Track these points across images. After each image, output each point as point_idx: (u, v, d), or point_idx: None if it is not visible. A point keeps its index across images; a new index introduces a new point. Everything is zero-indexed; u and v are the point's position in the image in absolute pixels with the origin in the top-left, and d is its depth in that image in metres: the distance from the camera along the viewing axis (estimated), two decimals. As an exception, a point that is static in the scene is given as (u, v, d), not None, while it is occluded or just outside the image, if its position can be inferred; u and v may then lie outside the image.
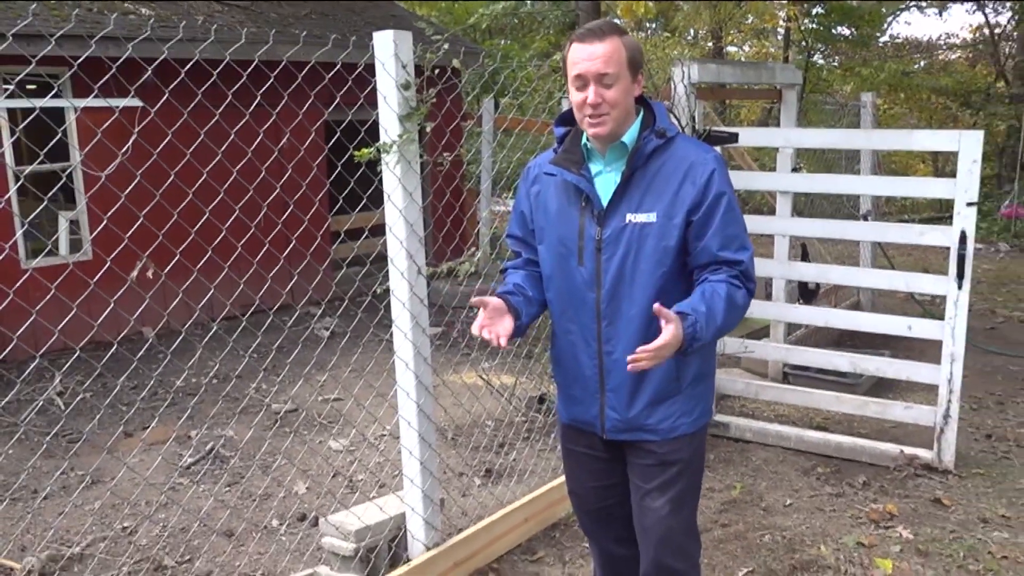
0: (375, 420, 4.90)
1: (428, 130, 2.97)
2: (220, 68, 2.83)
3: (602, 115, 2.06)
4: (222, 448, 4.73)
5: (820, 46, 19.79)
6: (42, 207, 2.93)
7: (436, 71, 3.02)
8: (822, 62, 20.20)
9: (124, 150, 3.78)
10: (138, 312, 3.59)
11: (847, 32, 19.04)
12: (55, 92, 6.06)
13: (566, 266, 2.21)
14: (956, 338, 4.07)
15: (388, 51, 2.81)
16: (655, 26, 21.41)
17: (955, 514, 3.76)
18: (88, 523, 3.91)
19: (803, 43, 19.08)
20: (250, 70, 2.93)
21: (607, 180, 2.16)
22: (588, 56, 2.03)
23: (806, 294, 6.25)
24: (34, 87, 7.77)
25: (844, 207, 7.30)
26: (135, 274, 3.36)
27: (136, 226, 3.05)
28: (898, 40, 22.55)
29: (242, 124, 3.01)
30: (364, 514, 3.17)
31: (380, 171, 2.93)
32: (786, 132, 5.13)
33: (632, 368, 1.94)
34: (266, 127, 3.41)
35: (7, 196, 6.45)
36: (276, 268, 3.77)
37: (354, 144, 2.94)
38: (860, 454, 4.36)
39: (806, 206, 6.75)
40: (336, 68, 2.97)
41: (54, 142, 3.03)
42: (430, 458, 3.13)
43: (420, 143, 2.95)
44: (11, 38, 2.67)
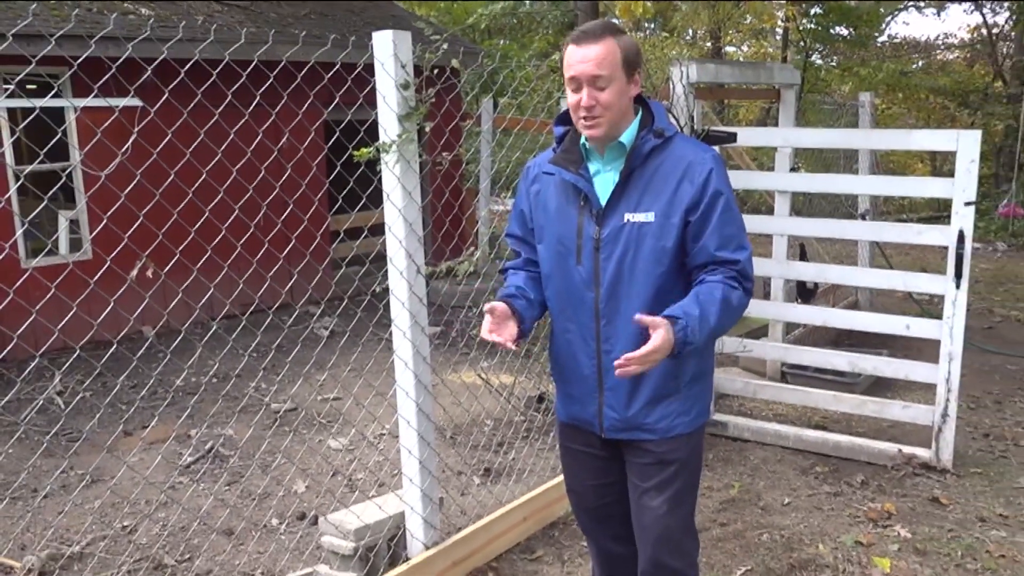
0: (374, 419, 4.91)
1: (427, 130, 2.98)
2: (220, 68, 2.84)
3: (595, 117, 2.07)
4: (222, 447, 4.73)
5: (818, 46, 19.79)
6: (42, 206, 2.94)
7: (435, 71, 3.03)
8: (820, 62, 20.19)
9: (124, 150, 3.78)
10: (138, 311, 3.59)
11: (845, 32, 19.04)
12: (55, 92, 6.06)
13: (565, 265, 2.22)
14: (954, 337, 4.08)
15: (387, 51, 2.81)
16: (653, 26, 21.41)
17: (953, 513, 3.78)
18: (88, 522, 3.92)
19: (801, 43, 19.07)
20: (249, 70, 2.93)
21: (606, 179, 2.17)
22: (581, 58, 2.04)
23: (804, 293, 6.26)
24: (34, 87, 7.77)
25: (842, 206, 7.31)
26: (135, 273, 3.36)
27: (136, 226, 3.05)
28: (896, 40, 22.61)
29: (242, 124, 3.01)
30: (363, 513, 3.18)
31: (379, 171, 2.94)
32: (784, 132, 5.14)
33: (620, 374, 1.96)
34: (265, 127, 3.41)
35: (7, 196, 6.46)
36: (276, 267, 3.78)
37: (353, 144, 2.95)
38: (858, 453, 4.37)
39: (804, 205, 6.76)
40: (335, 68, 2.98)
41: (54, 142, 3.03)
42: (429, 457, 3.13)
43: (419, 143, 2.95)
44: (11, 38, 2.68)
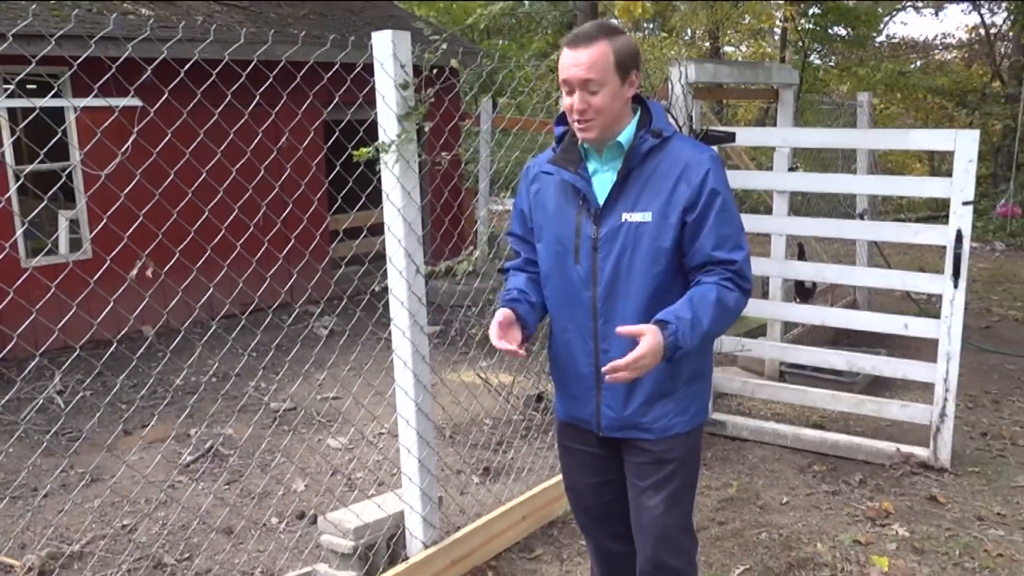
0: (374, 418, 4.92)
1: (426, 129, 2.99)
2: (219, 68, 2.85)
3: (588, 121, 2.08)
4: (221, 446, 4.74)
5: (817, 46, 19.79)
6: (42, 206, 2.94)
7: (434, 71, 3.04)
8: (819, 62, 20.19)
9: (124, 149, 3.78)
10: (138, 311, 3.60)
11: (844, 32, 19.06)
12: (55, 92, 6.07)
13: (563, 264, 2.23)
14: (952, 337, 4.09)
15: (387, 51, 2.82)
16: (652, 26, 21.42)
17: (951, 512, 3.79)
18: (88, 521, 3.93)
19: (800, 43, 19.07)
20: (249, 70, 2.94)
21: (604, 179, 2.18)
22: (573, 62, 2.05)
23: (803, 293, 6.27)
24: (34, 87, 7.78)
25: (840, 206, 7.33)
26: (135, 273, 3.36)
27: (136, 225, 3.05)
28: (894, 40, 22.62)
29: (241, 124, 3.02)
30: (363, 512, 3.19)
31: (379, 170, 2.95)
32: (783, 132, 5.15)
33: (610, 380, 1.98)
34: (265, 127, 3.41)
35: (7, 195, 6.46)
36: (275, 267, 3.79)
37: (353, 143, 2.95)
38: (856, 452, 4.38)
39: (803, 205, 6.78)
40: (335, 68, 2.99)
41: (54, 141, 3.04)
42: (428, 456, 3.14)
43: (418, 142, 2.96)
44: (11, 38, 2.68)
